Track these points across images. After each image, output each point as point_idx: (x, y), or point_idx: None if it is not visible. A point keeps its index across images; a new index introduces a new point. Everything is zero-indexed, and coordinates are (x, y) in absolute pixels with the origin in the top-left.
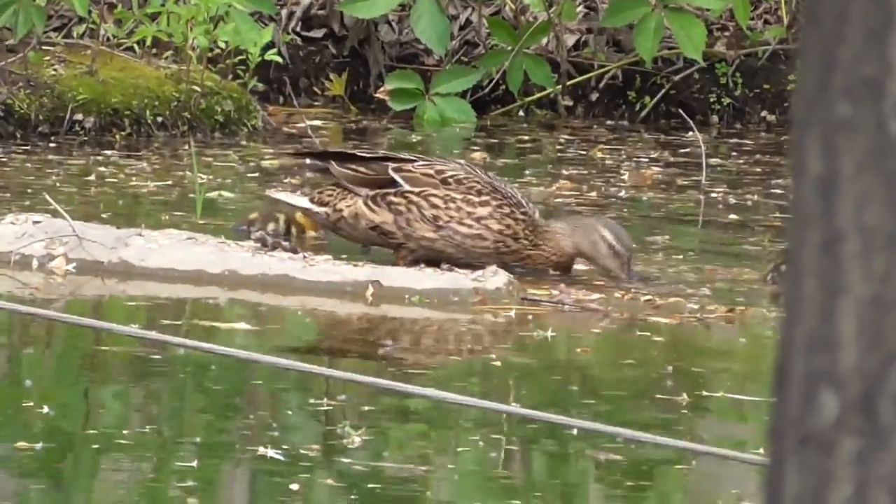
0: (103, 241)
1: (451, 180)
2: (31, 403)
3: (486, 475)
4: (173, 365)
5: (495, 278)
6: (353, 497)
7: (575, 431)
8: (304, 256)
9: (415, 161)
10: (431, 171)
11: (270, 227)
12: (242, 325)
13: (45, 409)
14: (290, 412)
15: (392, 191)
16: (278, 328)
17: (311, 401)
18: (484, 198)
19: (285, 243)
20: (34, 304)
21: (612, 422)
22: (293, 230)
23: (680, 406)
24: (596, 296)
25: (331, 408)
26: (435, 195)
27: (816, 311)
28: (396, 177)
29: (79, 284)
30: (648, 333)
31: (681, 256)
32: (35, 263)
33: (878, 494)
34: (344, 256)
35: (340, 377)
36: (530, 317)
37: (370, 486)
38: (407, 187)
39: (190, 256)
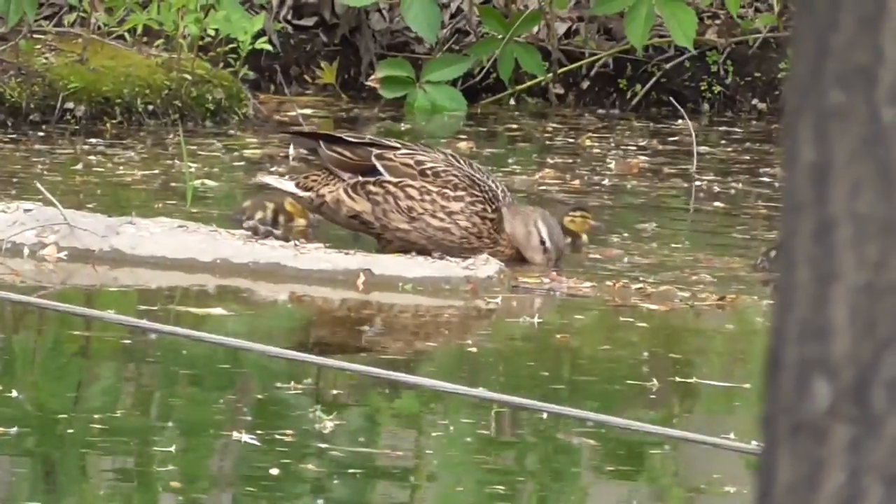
0: (94, 230)
1: (428, 172)
2: (1, 388)
3: (464, 459)
4: (145, 350)
5: (486, 266)
6: (335, 482)
7: (545, 415)
8: (296, 244)
9: (398, 149)
10: (411, 162)
11: (258, 215)
12: (219, 311)
13: (15, 393)
14: (259, 397)
15: (371, 179)
16: (256, 314)
17: (279, 384)
18: (459, 192)
19: (277, 232)
20: (24, 291)
21: (589, 407)
22: (280, 219)
23: (652, 392)
24: (587, 284)
25: (299, 392)
26: (412, 186)
27: (809, 299)
28: (378, 164)
29: (69, 272)
30: (632, 319)
31: (667, 244)
32: (26, 251)
33: (870, 482)
34: (329, 245)
35: (325, 365)
36: (516, 304)
37: (351, 471)
38: (386, 176)
39: (181, 244)
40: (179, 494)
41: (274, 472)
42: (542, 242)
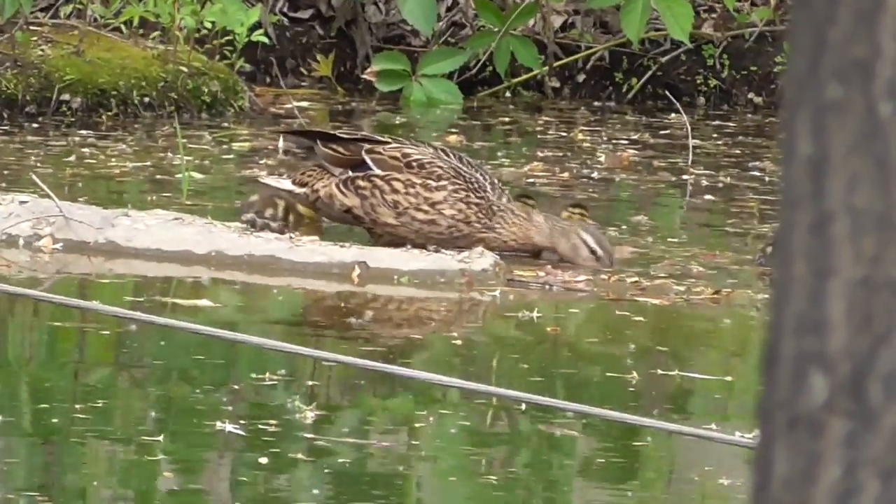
0: (90, 222)
1: (413, 164)
2: None
3: (451, 451)
4: (123, 340)
5: (482, 259)
6: (325, 471)
7: (523, 406)
8: (291, 237)
9: (388, 143)
10: (398, 155)
11: (269, 212)
12: (213, 303)
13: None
14: (237, 387)
15: (361, 174)
16: (249, 306)
17: (253, 375)
18: (441, 182)
19: (274, 224)
20: (19, 283)
21: (583, 400)
22: (290, 217)
23: (643, 385)
24: (583, 277)
25: (275, 383)
26: (397, 179)
27: (806, 293)
28: (367, 159)
29: (65, 264)
30: (628, 313)
31: (662, 238)
32: (21, 243)
33: (867, 476)
34: (316, 240)
35: (318, 357)
36: (512, 297)
37: (339, 461)
38: (374, 170)
39: (177, 237)
40: (172, 483)
41: (263, 460)
42: (593, 252)
